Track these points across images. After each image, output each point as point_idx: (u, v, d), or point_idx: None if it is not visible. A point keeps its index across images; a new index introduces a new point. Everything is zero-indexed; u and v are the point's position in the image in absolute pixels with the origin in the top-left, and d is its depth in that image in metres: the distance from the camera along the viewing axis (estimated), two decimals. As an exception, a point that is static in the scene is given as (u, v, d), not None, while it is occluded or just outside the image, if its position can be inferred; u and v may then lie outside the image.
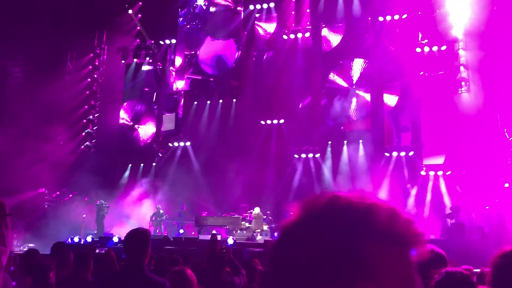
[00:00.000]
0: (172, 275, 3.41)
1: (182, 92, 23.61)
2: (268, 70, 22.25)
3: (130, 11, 24.36)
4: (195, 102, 23.34)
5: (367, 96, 20.08)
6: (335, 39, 21.14)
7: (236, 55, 22.58)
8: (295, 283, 0.72)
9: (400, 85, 19.57)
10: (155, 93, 24.24)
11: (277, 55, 22.20)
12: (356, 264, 0.70)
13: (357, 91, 20.30)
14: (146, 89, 24.41)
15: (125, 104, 24.29)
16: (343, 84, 20.59)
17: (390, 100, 19.74)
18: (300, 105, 21.38)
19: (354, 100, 20.29)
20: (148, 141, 23.65)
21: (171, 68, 23.79)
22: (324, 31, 21.30)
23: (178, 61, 23.65)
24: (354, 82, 20.41)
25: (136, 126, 23.94)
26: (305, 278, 0.71)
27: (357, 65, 20.58)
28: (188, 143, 22.55)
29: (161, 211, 19.32)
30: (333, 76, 20.82)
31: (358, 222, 0.73)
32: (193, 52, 23.43)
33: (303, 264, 0.72)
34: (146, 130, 23.89)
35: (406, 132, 19.69)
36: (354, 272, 0.70)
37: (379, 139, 19.56)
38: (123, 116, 24.16)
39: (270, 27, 22.67)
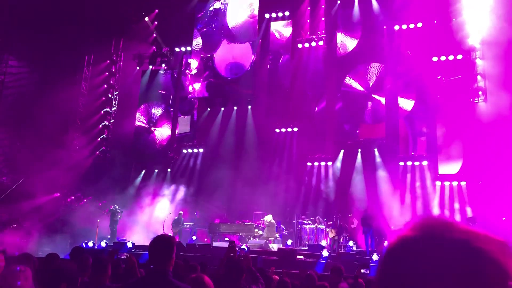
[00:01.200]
0: (190, 282, 3.42)
1: (198, 96, 23.74)
2: (284, 74, 22.31)
3: (146, 19, 24.67)
4: (209, 109, 23.47)
5: (383, 100, 20.00)
6: (350, 43, 21.14)
7: (252, 58, 22.67)
8: None
9: (416, 89, 19.48)
10: (171, 96, 24.44)
11: (292, 59, 22.25)
12: None
13: (373, 95, 20.25)
14: (162, 91, 24.62)
15: (142, 106, 24.55)
16: (359, 88, 20.55)
17: (406, 104, 19.63)
18: (316, 109, 21.37)
19: (369, 104, 20.23)
20: (164, 143, 23.84)
21: (187, 71, 23.97)
22: (340, 36, 21.30)
23: (194, 64, 23.82)
24: (370, 85, 20.36)
25: (152, 128, 24.18)
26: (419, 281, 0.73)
27: (374, 69, 20.53)
28: (201, 150, 22.65)
29: (182, 219, 19.13)
30: (348, 80, 20.79)
31: (489, 264, 0.74)
32: (209, 55, 23.59)
33: (417, 279, 0.74)
34: (162, 133, 24.10)
35: (421, 136, 19.51)
36: None
37: (393, 147, 19.44)
38: (140, 118, 24.40)
39: (286, 31, 22.74)
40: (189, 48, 24.17)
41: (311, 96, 21.39)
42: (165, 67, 24.43)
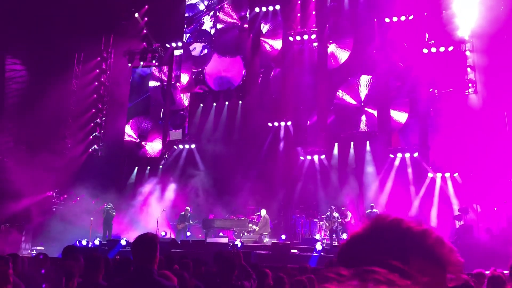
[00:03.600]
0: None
1: (188, 102, 23.61)
2: (276, 87, 22.10)
3: (136, 15, 24.48)
4: (201, 104, 23.40)
5: (375, 113, 20.06)
6: (343, 55, 21.11)
7: (243, 72, 22.63)
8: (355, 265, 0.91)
9: (409, 101, 19.54)
10: (162, 110, 24.23)
11: (284, 71, 22.02)
12: (399, 269, 0.87)
13: (365, 108, 20.27)
14: (152, 105, 24.43)
15: (131, 121, 24.28)
16: (351, 101, 20.57)
17: (399, 117, 19.69)
18: (308, 123, 21.21)
19: (363, 117, 20.26)
20: (156, 157, 23.57)
21: (178, 84, 23.84)
22: (332, 47, 21.26)
23: (185, 78, 23.71)
24: (363, 99, 20.38)
25: (143, 143, 23.91)
26: (361, 264, 0.88)
27: (364, 82, 20.54)
28: (193, 146, 22.61)
29: (189, 215, 18.83)
30: (341, 93, 20.79)
31: (410, 240, 0.93)
32: (200, 70, 23.51)
33: (359, 259, 0.91)
34: (153, 147, 23.82)
35: (413, 133, 19.62)
36: (397, 269, 0.86)
37: (386, 140, 19.54)
38: (130, 133, 24.13)
39: (277, 44, 22.61)
40: (180, 44, 24.05)
41: (303, 109, 21.23)
42: (156, 63, 24.30)
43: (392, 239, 0.94)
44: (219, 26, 23.63)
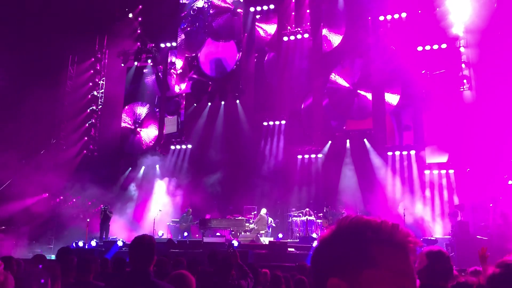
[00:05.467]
0: (171, 279, 3.42)
1: (184, 95, 23.61)
2: (270, 72, 22.23)
3: (130, 15, 24.40)
4: (195, 104, 23.35)
5: (369, 96, 20.08)
6: (335, 39, 21.14)
7: (237, 57, 22.57)
8: (324, 271, 1.06)
9: (401, 83, 19.57)
10: (157, 96, 24.28)
11: (278, 56, 22.18)
12: (365, 259, 1.01)
13: (358, 91, 20.30)
14: (147, 92, 24.45)
15: (126, 107, 24.33)
16: (345, 84, 20.60)
17: (392, 99, 19.74)
18: (302, 106, 21.36)
19: (356, 100, 20.29)
20: (151, 144, 23.69)
21: (172, 71, 23.80)
22: (325, 31, 21.29)
23: (179, 63, 23.65)
24: (356, 82, 20.41)
25: (138, 129, 23.98)
26: (330, 267, 1.05)
27: (358, 65, 20.60)
28: (189, 146, 22.57)
29: (191, 216, 18.99)
30: (334, 77, 20.83)
31: (370, 232, 1.04)
32: (194, 55, 23.43)
33: (329, 258, 1.05)
34: (149, 133, 23.92)
35: (408, 131, 19.68)
36: (363, 263, 1.00)
37: (381, 139, 19.58)
38: (125, 120, 24.19)
39: (271, 28, 22.65)
40: (174, 44, 23.99)
41: (297, 93, 21.34)
42: (151, 63, 24.25)
43: (354, 234, 1.04)
44: (212, 11, 23.52)
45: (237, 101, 22.34)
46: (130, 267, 3.37)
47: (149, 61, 24.12)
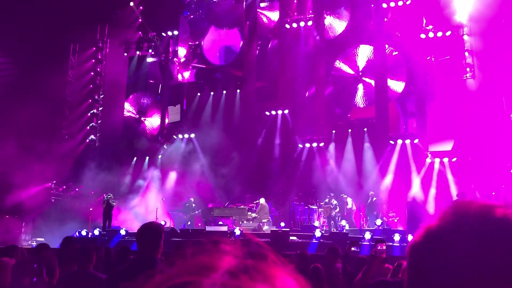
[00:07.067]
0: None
1: (187, 84, 23.54)
2: (273, 59, 22.11)
3: (131, 4, 24.25)
4: (198, 94, 23.30)
5: (373, 83, 19.96)
6: (339, 25, 20.96)
7: (241, 44, 22.44)
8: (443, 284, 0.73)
9: (406, 71, 19.46)
10: (160, 85, 24.23)
11: (281, 43, 22.02)
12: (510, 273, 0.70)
13: (363, 78, 20.19)
14: (150, 81, 24.39)
15: (130, 96, 24.33)
16: (349, 71, 20.47)
17: (397, 86, 19.63)
18: (307, 94, 21.26)
19: (360, 87, 20.20)
20: (155, 133, 23.73)
21: (175, 59, 23.70)
22: (329, 19, 21.11)
23: (182, 52, 23.52)
24: (361, 69, 20.29)
25: (142, 118, 24.01)
26: (452, 279, 0.73)
27: (363, 52, 20.45)
28: (192, 135, 22.55)
29: (194, 205, 19.09)
30: (338, 64, 20.69)
31: None
32: (197, 43, 23.31)
33: (452, 267, 0.73)
34: (153, 122, 23.96)
35: (412, 118, 19.61)
36: (507, 280, 0.70)
37: (384, 127, 19.49)
38: (129, 109, 24.19)
39: (274, 16, 22.47)
40: (176, 33, 23.85)
41: (301, 81, 21.23)
42: (152, 52, 24.15)
43: (489, 235, 0.74)
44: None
45: (237, 91, 22.25)
46: (136, 253, 3.38)
47: (150, 50, 23.99)
